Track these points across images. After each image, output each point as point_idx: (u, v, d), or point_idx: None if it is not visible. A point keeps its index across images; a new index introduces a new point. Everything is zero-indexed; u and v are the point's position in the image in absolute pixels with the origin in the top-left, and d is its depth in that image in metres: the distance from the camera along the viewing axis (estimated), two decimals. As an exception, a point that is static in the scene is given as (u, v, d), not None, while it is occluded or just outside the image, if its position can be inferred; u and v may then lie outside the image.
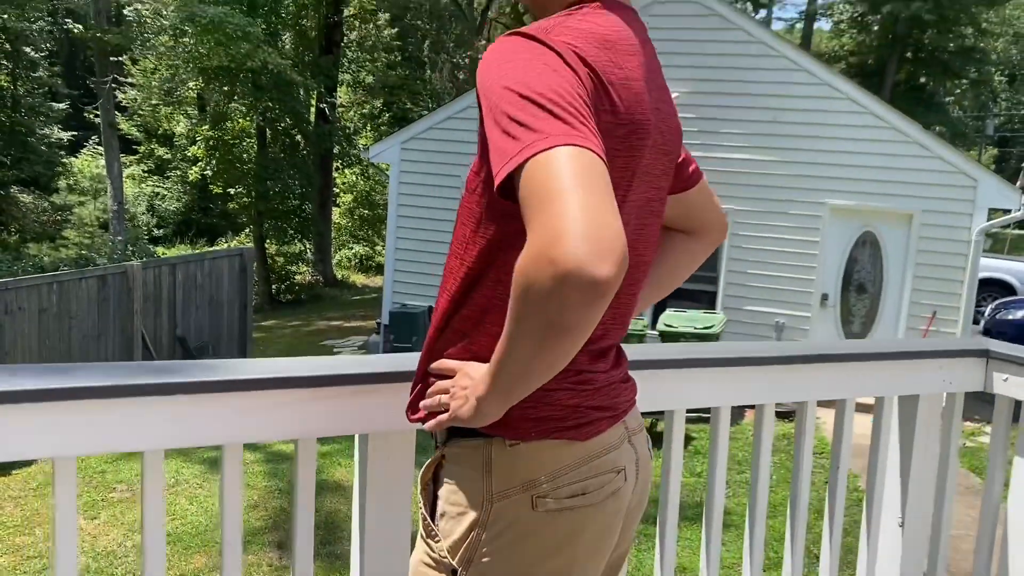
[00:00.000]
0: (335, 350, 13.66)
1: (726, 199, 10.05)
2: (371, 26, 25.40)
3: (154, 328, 10.30)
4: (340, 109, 24.21)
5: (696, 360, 1.90)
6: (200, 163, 20.44)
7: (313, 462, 1.56)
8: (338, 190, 25.23)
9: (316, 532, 6.24)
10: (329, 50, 20.77)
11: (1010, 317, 13.86)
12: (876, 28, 27.05)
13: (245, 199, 19.77)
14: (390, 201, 11.96)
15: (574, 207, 0.88)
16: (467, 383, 1.13)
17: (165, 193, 29.49)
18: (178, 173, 29.26)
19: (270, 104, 17.04)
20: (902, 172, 9.73)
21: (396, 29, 25.91)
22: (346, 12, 22.38)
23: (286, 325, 16.59)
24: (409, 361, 1.57)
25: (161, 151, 30.41)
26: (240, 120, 19.25)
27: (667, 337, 9.20)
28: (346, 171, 24.50)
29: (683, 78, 10.18)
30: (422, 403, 1.24)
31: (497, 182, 0.96)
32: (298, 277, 21.39)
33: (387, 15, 24.72)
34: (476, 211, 1.16)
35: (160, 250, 21.14)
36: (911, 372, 2.16)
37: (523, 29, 1.08)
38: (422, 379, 1.26)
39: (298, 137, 19.31)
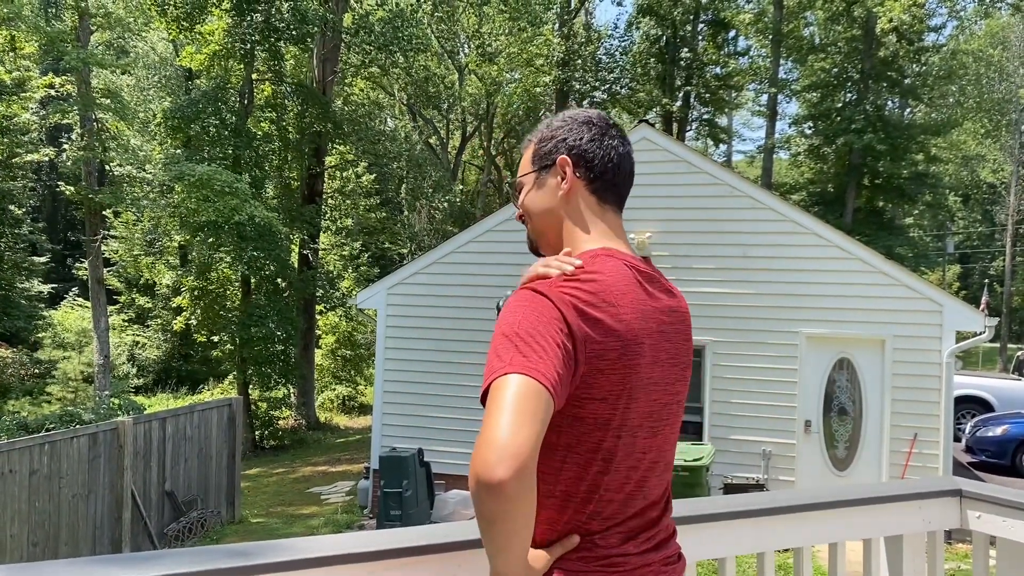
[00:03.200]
0: (323, 497, 13.54)
1: (705, 331, 10.39)
2: (351, 173, 26.37)
3: (143, 483, 10.25)
4: (321, 253, 24.78)
5: (700, 516, 2.10)
6: (185, 312, 20.67)
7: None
8: (320, 332, 25.46)
9: None
10: (311, 199, 21.47)
11: (990, 434, 14.10)
12: (832, 158, 28.40)
13: (229, 346, 19.91)
14: (377, 346, 12.18)
15: (496, 422, 1.21)
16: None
17: (145, 342, 29.57)
18: (160, 322, 29.44)
19: (255, 253, 17.47)
20: (870, 300, 10.15)
21: (374, 175, 26.89)
22: (327, 162, 23.26)
23: (271, 472, 16.44)
24: (458, 531, 1.77)
25: (142, 300, 30.69)
26: (225, 270, 19.64)
27: (657, 471, 9.29)
28: (328, 313, 24.83)
29: (655, 219, 10.71)
30: None
31: (480, 397, 1.32)
32: (281, 422, 21.30)
33: (365, 163, 25.70)
34: None
35: (141, 400, 21.05)
36: (894, 514, 2.37)
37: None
38: None
39: (282, 283, 19.68)
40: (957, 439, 14.30)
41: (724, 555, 2.15)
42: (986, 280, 43.52)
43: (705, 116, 30.63)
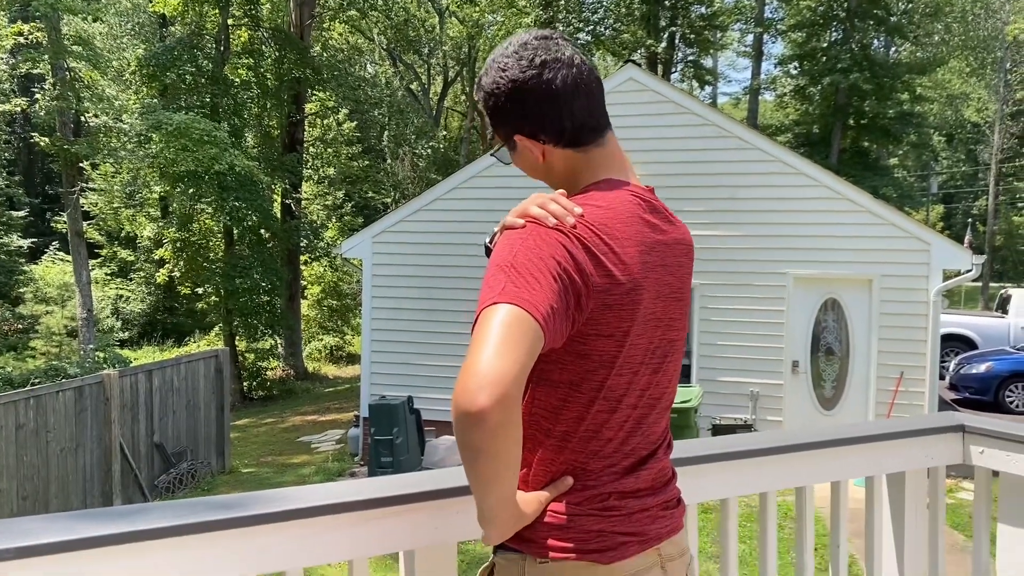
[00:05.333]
0: (313, 446, 13.57)
1: (693, 273, 10.34)
2: (331, 121, 25.96)
3: (132, 436, 10.21)
4: (304, 202, 24.51)
5: (700, 457, 2.05)
6: (168, 265, 20.46)
7: (366, 580, 1.68)
8: (305, 282, 25.31)
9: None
10: (292, 147, 21.15)
11: (973, 371, 14.25)
12: (818, 99, 28.18)
13: (214, 298, 19.77)
14: (364, 295, 12.10)
15: (480, 351, 1.14)
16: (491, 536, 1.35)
17: (129, 295, 29.34)
18: (142, 275, 29.18)
19: (236, 203, 17.22)
20: (858, 240, 10.12)
21: (355, 123, 26.49)
22: (307, 110, 22.86)
23: (260, 423, 16.45)
24: (450, 477, 1.71)
25: (124, 253, 30.37)
26: (206, 220, 19.39)
27: (646, 414, 9.33)
28: (313, 264, 24.66)
29: (642, 161, 10.57)
30: None
31: (471, 331, 1.23)
32: (269, 373, 21.28)
33: (346, 110, 25.29)
34: None
35: (127, 353, 20.94)
36: (896, 451, 2.33)
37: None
38: None
39: (265, 233, 19.46)
40: (941, 377, 14.44)
41: (727, 496, 2.11)
42: (969, 219, 43.72)
43: (690, 57, 30.20)
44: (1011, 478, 2.31)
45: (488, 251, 1.38)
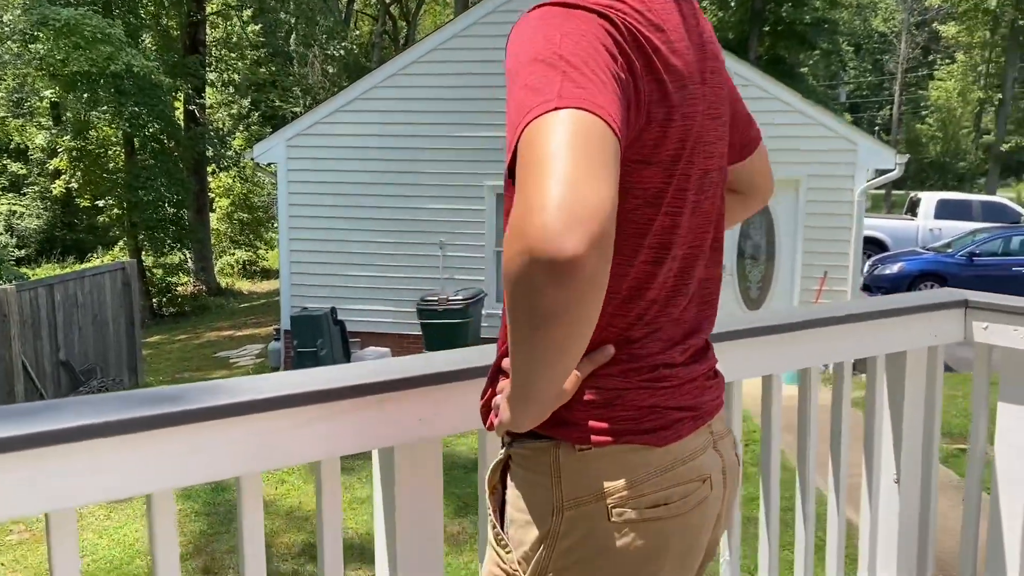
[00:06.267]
0: (231, 361, 13.11)
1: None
2: (235, 22, 24.47)
3: (35, 354, 9.58)
4: (209, 110, 23.23)
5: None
6: (64, 176, 19.19)
7: (338, 485, 1.40)
8: (214, 195, 24.21)
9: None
10: (194, 49, 19.85)
11: (887, 272, 14.67)
12: (735, 5, 27.99)
13: (116, 211, 18.73)
14: (280, 202, 11.52)
15: (554, 176, 0.80)
16: (507, 385, 1.03)
17: (23, 211, 27.61)
18: (37, 189, 27.47)
19: (136, 109, 16.11)
20: (787, 140, 10.04)
21: (260, 25, 25.04)
22: (208, 9, 21.43)
23: (174, 340, 15.82)
24: (440, 362, 1.43)
25: (15, 167, 28.45)
26: (104, 128, 18.16)
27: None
28: (221, 174, 23.54)
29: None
30: (494, 402, 1.10)
31: (507, 159, 0.88)
32: (180, 288, 20.46)
33: (250, 11, 23.82)
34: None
35: (25, 271, 19.77)
36: (898, 329, 2.16)
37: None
38: (495, 378, 1.13)
39: (168, 142, 18.37)
40: (856, 278, 14.84)
41: (729, 380, 1.89)
42: (875, 128, 44.85)
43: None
44: (1017, 355, 2.17)
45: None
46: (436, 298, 9.90)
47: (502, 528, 1.09)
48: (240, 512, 1.30)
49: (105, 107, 16.61)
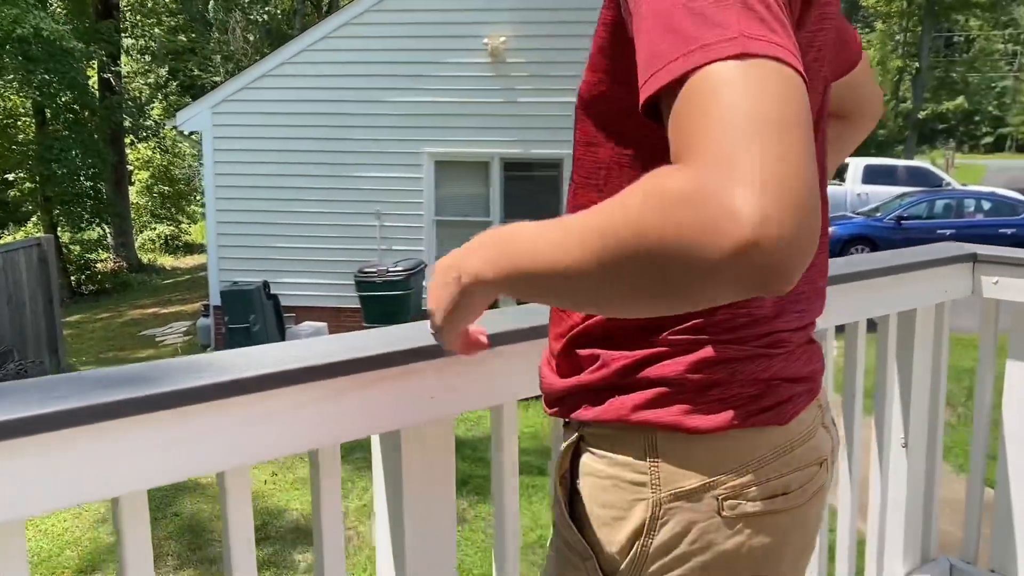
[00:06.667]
0: (158, 339, 12.60)
1: (567, 144, 9.96)
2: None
3: (-56, 337, 8.98)
4: (125, 79, 22.18)
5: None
6: (-32, 148, 18.13)
7: (338, 478, 1.19)
8: (133, 167, 23.21)
9: (182, 537, 5.63)
10: (107, 14, 18.85)
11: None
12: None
13: (28, 184, 17.76)
14: (206, 172, 11.01)
15: (769, 150, 0.56)
16: (449, 267, 0.84)
17: (-76, 186, 26.08)
18: (-62, 162, 25.94)
19: (46, 76, 15.21)
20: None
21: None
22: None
23: (95, 318, 15.14)
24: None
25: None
26: (12, 97, 17.15)
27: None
28: (139, 146, 22.55)
29: (510, 21, 9.96)
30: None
31: (650, 89, 0.63)
32: (99, 265, 19.60)
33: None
34: (609, 132, 0.86)
35: (-71, 250, 18.65)
36: (909, 285, 2.03)
37: None
38: (568, 355, 0.92)
39: (83, 112, 17.45)
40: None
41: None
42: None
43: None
44: (1025, 308, 2.08)
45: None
46: (375, 269, 9.60)
47: (575, 527, 0.90)
48: (225, 513, 1.08)
49: (12, 75, 15.66)
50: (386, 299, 9.44)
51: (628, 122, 0.81)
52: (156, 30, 23.82)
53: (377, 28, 10.22)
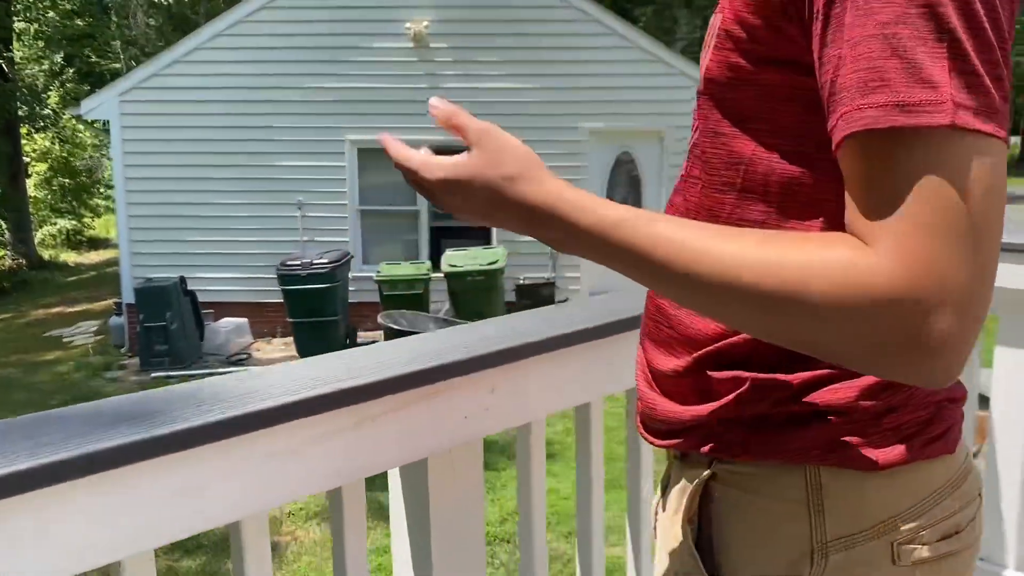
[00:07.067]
0: (65, 340, 11.95)
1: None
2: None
3: None
4: (18, 65, 20.98)
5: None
6: None
7: (363, 515, 1.03)
8: (29, 159, 21.99)
9: None
10: (-3, -4, 17.78)
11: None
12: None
13: (-88, 178, 16.61)
14: (115, 164, 10.46)
15: (976, 262, 0.55)
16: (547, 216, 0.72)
17: None
18: None
19: (-69, 62, 14.24)
20: (650, 91, 10.02)
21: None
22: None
23: (-6, 320, 14.28)
24: (509, 332, 1.08)
25: None
26: None
27: (453, 277, 8.91)
28: (36, 136, 21.36)
29: (433, 5, 9.74)
30: None
31: (845, 129, 0.58)
32: (-5, 263, 18.54)
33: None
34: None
35: None
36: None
37: None
38: (696, 369, 0.78)
39: (-28, 99, 16.43)
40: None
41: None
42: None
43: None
44: (1013, 294, 2.05)
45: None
46: (298, 262, 9.29)
47: None
48: (243, 570, 0.92)
49: None
50: (312, 292, 9.15)
51: (782, 111, 0.69)
52: (51, 14, 22.57)
53: (295, 12, 9.86)
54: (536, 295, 9.84)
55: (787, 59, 0.66)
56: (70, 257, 21.82)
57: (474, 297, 8.91)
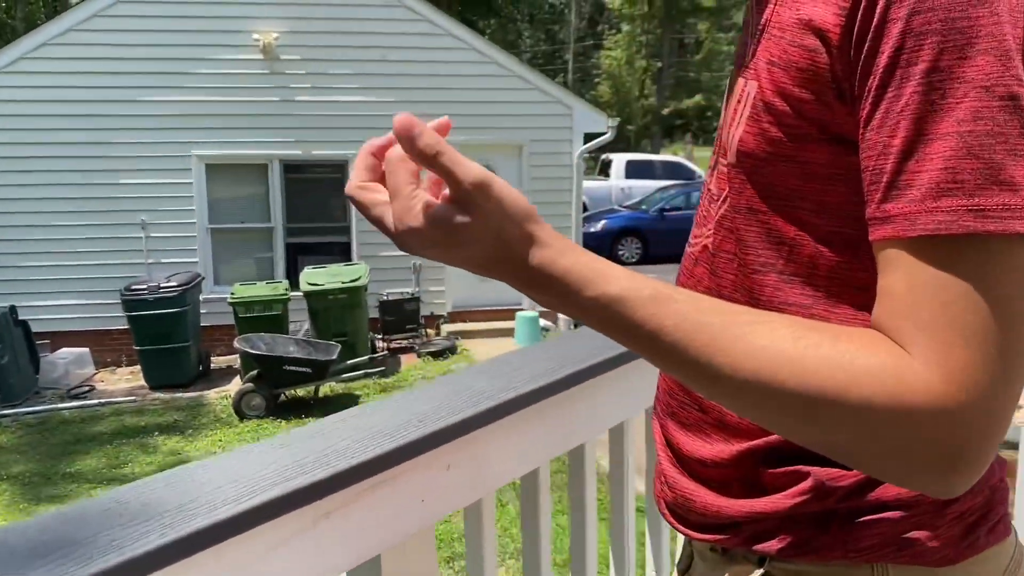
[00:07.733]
0: None
1: (344, 144, 9.57)
2: None
3: None
4: None
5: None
6: None
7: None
8: None
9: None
10: None
11: (591, 230, 15.54)
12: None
13: None
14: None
15: (996, 358, 0.53)
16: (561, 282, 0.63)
17: None
18: None
19: None
20: (508, 105, 10.11)
21: None
22: None
23: None
24: (472, 391, 0.99)
25: None
26: None
27: (313, 296, 8.64)
28: None
29: (283, 16, 9.45)
30: None
31: (898, 230, 0.55)
32: None
33: None
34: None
35: None
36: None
37: None
38: (748, 462, 0.73)
39: None
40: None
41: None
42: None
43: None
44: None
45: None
46: (145, 286, 8.75)
47: None
48: None
49: None
50: (160, 318, 8.64)
51: (829, 191, 0.65)
52: None
53: (131, 21, 9.29)
54: (400, 311, 9.70)
55: (834, 136, 0.62)
56: None
57: (337, 316, 8.67)
